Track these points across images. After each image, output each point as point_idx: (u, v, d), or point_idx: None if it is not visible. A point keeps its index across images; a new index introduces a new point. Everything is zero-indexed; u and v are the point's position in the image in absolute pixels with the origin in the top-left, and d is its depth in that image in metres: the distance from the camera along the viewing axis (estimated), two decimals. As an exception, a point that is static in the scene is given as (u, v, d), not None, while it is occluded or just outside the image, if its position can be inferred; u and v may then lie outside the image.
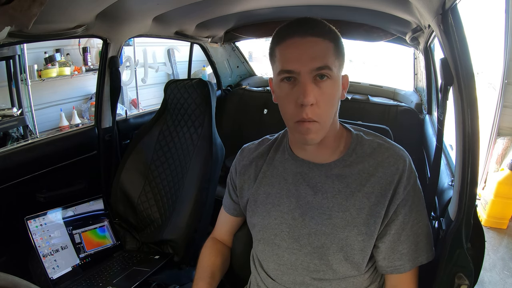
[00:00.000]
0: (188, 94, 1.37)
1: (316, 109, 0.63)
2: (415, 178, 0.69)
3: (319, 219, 0.70)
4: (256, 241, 0.79)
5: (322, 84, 0.63)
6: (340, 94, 0.69)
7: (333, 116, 0.68)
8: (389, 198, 0.67)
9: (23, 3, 0.45)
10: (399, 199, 0.67)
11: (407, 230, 0.68)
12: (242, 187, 0.82)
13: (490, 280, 1.88)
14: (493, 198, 2.37)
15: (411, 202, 0.68)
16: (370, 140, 0.72)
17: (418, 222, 0.69)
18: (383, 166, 0.68)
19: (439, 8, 0.70)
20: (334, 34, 0.66)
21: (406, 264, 0.69)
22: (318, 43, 0.63)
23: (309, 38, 0.62)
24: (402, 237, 0.68)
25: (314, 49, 0.62)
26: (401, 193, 0.67)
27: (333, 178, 0.70)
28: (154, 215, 1.36)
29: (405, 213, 0.68)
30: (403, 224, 0.68)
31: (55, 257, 1.14)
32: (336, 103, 0.68)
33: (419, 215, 0.69)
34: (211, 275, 0.82)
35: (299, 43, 0.63)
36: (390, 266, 0.70)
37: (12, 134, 2.83)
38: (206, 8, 1.48)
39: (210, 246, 0.90)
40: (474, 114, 0.64)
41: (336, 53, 0.64)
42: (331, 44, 0.64)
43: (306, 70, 0.62)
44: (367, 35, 1.83)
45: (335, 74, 0.64)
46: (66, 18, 1.14)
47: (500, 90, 2.64)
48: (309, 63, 0.62)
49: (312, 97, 0.62)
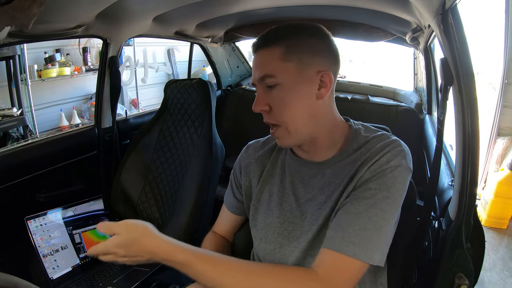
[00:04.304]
0: (188, 94, 1.37)
1: (272, 114, 0.68)
2: (398, 166, 0.63)
3: (317, 215, 0.70)
4: (257, 240, 0.79)
5: (273, 91, 0.67)
6: (311, 95, 0.66)
7: (305, 118, 0.67)
8: (362, 173, 0.64)
9: (23, 3, 0.45)
10: (371, 173, 0.63)
11: (360, 207, 0.61)
12: (247, 186, 0.83)
13: (490, 280, 1.88)
14: (493, 198, 2.37)
15: (380, 183, 0.62)
16: (366, 135, 0.71)
17: (378, 211, 0.61)
18: (370, 151, 0.66)
19: (439, 8, 0.70)
20: (283, 36, 0.66)
21: (336, 240, 0.60)
22: (263, 53, 0.67)
23: (259, 51, 0.68)
24: (351, 209, 0.62)
25: (259, 60, 0.68)
26: (374, 169, 0.63)
27: (329, 174, 0.71)
28: (154, 215, 1.36)
29: (367, 188, 0.62)
30: (360, 199, 0.62)
31: (55, 257, 1.14)
32: (297, 105, 0.66)
33: (385, 206, 0.61)
34: None
35: (255, 58, 0.69)
36: (325, 236, 0.63)
37: (12, 134, 2.83)
38: (206, 8, 1.48)
39: (211, 237, 0.89)
40: (474, 114, 0.65)
41: (285, 57, 0.64)
42: (278, 49, 0.65)
43: (256, 81, 0.68)
44: (367, 35, 1.83)
45: (285, 79, 0.65)
46: (66, 18, 1.14)
47: (500, 90, 2.64)
48: (256, 75, 0.68)
49: (260, 106, 0.68)
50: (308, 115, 0.68)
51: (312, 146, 0.72)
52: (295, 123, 0.67)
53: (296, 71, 0.65)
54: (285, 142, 0.71)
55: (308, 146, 0.72)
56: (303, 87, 0.66)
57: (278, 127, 0.69)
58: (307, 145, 0.72)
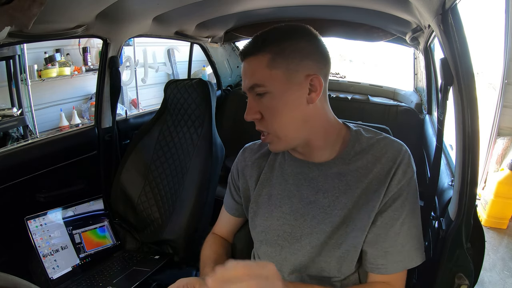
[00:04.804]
0: (188, 94, 1.37)
1: (263, 122, 0.68)
2: (412, 174, 0.67)
3: (320, 218, 0.70)
4: (258, 242, 0.79)
5: (263, 99, 0.66)
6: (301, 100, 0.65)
7: (296, 124, 0.67)
8: (384, 191, 0.66)
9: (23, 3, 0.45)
10: (392, 192, 0.66)
11: (395, 228, 0.66)
12: (245, 188, 0.82)
13: (490, 280, 1.88)
14: (493, 198, 2.37)
15: (404, 198, 0.66)
16: (369, 137, 0.72)
17: (409, 221, 0.66)
18: (380, 161, 0.68)
19: (439, 8, 0.70)
20: (269, 43, 0.64)
21: (389, 265, 0.66)
22: (250, 62, 0.66)
23: (246, 59, 0.67)
24: (390, 233, 0.66)
25: (247, 69, 0.67)
26: (395, 185, 0.66)
27: (332, 176, 0.70)
28: (154, 215, 1.36)
29: (396, 208, 0.66)
30: (392, 220, 0.66)
31: (55, 257, 1.14)
32: (288, 112, 0.66)
33: (412, 215, 0.67)
34: (214, 262, 0.81)
35: (243, 65, 0.68)
36: (371, 262, 0.67)
37: (12, 134, 2.83)
38: (206, 8, 1.48)
39: (211, 240, 0.90)
40: (474, 114, 0.64)
41: (272, 64, 0.63)
42: (265, 57, 0.64)
43: (246, 90, 0.68)
44: (367, 35, 1.83)
45: (273, 87, 0.64)
46: (66, 18, 1.14)
47: (500, 90, 2.65)
48: (245, 84, 0.67)
49: (251, 114, 0.67)
50: (300, 120, 0.67)
51: (307, 148, 0.72)
52: (285, 130, 0.67)
53: (284, 78, 0.64)
54: (276, 147, 0.71)
55: (303, 148, 0.72)
56: (292, 94, 0.65)
57: (269, 133, 0.69)
58: (302, 147, 0.72)
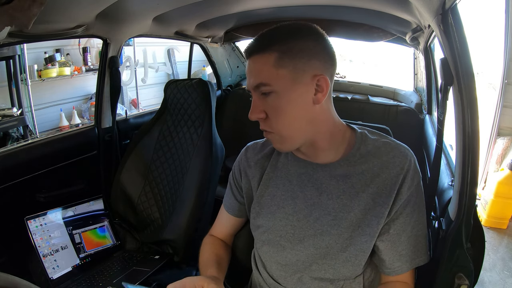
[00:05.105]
0: (188, 94, 1.37)
1: (268, 121, 0.67)
2: (419, 178, 0.69)
3: (324, 220, 0.70)
4: (259, 242, 0.78)
5: (268, 99, 0.65)
6: (307, 101, 0.65)
7: (302, 124, 0.66)
8: (393, 198, 0.67)
9: (23, 3, 0.45)
10: (402, 199, 0.67)
11: (407, 232, 0.68)
12: (247, 189, 0.82)
13: (490, 280, 1.88)
14: (493, 198, 2.37)
15: (413, 203, 0.68)
16: (374, 139, 0.71)
17: (419, 223, 0.69)
18: (388, 167, 0.68)
19: (439, 8, 0.70)
20: (276, 41, 0.63)
21: (404, 265, 0.69)
22: (256, 60, 0.65)
23: (252, 57, 0.65)
24: (402, 237, 0.68)
25: (252, 67, 0.66)
26: (405, 193, 0.67)
27: (337, 178, 0.70)
28: (154, 215, 1.36)
29: (406, 214, 0.68)
30: (404, 225, 0.68)
31: (55, 257, 1.14)
32: (294, 112, 0.65)
33: (420, 216, 0.70)
34: (216, 264, 0.80)
35: (248, 63, 0.67)
36: (388, 267, 0.70)
37: (12, 134, 2.83)
38: (206, 8, 1.48)
39: (210, 241, 0.88)
40: (474, 114, 0.64)
41: (279, 63, 0.62)
42: (271, 55, 0.62)
43: (251, 88, 0.67)
44: (367, 35, 1.83)
45: (279, 87, 0.63)
46: (66, 18, 1.14)
47: (500, 90, 2.65)
48: (250, 82, 0.66)
49: (256, 113, 0.66)
50: (305, 121, 0.66)
51: (311, 148, 0.71)
52: (290, 131, 0.66)
53: (290, 77, 0.63)
54: (281, 147, 0.70)
55: (307, 149, 0.72)
56: (299, 94, 0.64)
57: (273, 133, 0.67)
58: (306, 148, 0.71)
